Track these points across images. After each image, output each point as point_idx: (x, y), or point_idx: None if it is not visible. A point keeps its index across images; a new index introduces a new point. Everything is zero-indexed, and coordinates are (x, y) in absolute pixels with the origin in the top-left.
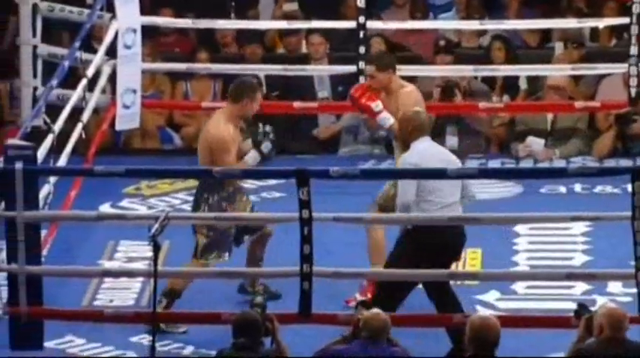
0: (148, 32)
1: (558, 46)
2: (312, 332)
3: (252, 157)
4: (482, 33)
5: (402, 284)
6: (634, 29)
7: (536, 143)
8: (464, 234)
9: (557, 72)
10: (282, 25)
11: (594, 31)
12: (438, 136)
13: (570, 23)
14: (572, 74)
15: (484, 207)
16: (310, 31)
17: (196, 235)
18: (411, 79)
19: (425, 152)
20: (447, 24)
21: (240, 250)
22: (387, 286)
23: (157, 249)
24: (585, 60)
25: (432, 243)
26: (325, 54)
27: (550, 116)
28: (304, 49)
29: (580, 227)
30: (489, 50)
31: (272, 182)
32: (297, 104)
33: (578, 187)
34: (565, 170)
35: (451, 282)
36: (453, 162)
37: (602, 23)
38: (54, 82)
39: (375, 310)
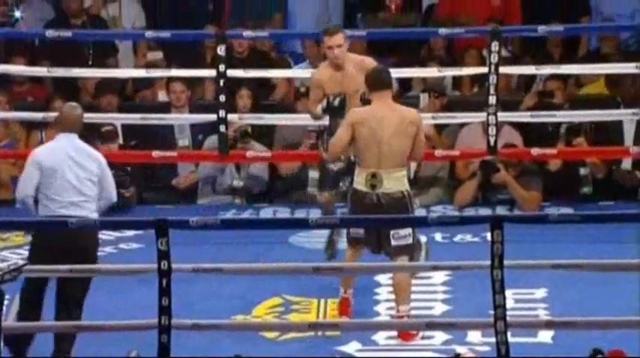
0: (1, 81)
1: (423, 97)
2: None
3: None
4: None
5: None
6: (492, 78)
7: None
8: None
9: None
10: (141, 73)
11: (457, 79)
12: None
13: (431, 72)
14: (434, 123)
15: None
16: (172, 79)
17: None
18: (272, 128)
19: (56, 146)
20: (305, 72)
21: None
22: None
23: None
24: (447, 109)
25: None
26: (187, 102)
27: (413, 165)
28: (162, 98)
29: (440, 276)
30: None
31: (130, 233)
32: (155, 153)
33: (438, 236)
34: (425, 219)
35: (311, 333)
36: (87, 159)
37: (461, 72)
38: None
39: None
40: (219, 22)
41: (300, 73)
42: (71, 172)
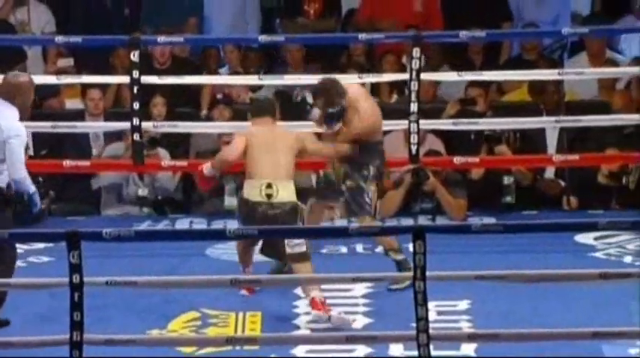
0: None
1: None
2: None
3: None
4: (257, 88)
5: None
6: (413, 85)
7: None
8: None
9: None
10: (52, 80)
11: (374, 86)
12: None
13: (351, 79)
14: None
15: (263, 269)
16: (89, 86)
17: None
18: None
19: None
20: (226, 79)
21: None
22: None
23: None
24: None
25: None
26: (103, 109)
27: (314, 176)
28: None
29: (361, 288)
30: None
31: (40, 246)
32: (67, 163)
33: (359, 247)
34: (346, 229)
35: (229, 347)
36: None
37: (383, 79)
38: None
39: None
40: (137, 28)
41: (219, 79)
42: None
